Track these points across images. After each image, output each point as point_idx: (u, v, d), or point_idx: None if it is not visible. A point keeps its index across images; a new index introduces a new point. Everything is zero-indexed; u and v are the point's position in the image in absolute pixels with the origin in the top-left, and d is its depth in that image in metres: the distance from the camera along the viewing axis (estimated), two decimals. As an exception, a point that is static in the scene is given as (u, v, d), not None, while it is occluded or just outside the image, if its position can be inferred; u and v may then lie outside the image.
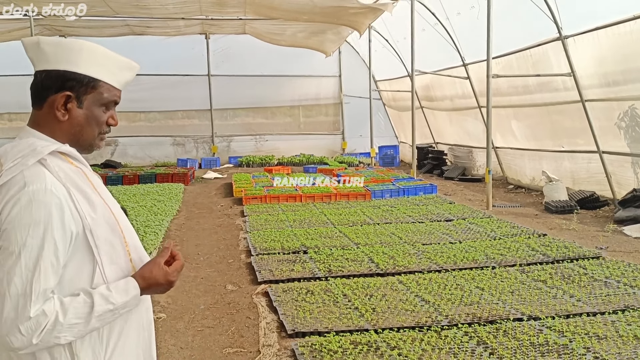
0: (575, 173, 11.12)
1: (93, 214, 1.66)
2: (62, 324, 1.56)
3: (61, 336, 1.56)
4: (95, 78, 1.74)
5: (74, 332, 1.59)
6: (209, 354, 4.58)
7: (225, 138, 20.91)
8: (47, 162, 1.63)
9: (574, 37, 10.00)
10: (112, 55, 1.79)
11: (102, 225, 1.68)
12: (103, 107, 1.79)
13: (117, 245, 1.72)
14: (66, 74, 1.71)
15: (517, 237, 7.93)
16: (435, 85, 16.61)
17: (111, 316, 1.66)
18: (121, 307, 1.68)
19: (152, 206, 10.58)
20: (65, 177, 1.65)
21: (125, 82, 1.83)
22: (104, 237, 1.68)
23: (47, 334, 1.54)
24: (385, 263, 6.67)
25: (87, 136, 1.78)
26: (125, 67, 1.82)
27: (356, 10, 13.24)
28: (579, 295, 5.41)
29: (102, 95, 1.77)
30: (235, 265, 7.18)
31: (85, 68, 1.73)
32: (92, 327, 1.62)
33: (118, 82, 1.80)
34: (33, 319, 1.52)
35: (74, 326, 1.58)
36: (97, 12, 14.68)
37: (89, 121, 1.77)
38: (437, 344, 4.37)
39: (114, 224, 1.72)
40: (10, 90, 17.95)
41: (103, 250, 1.67)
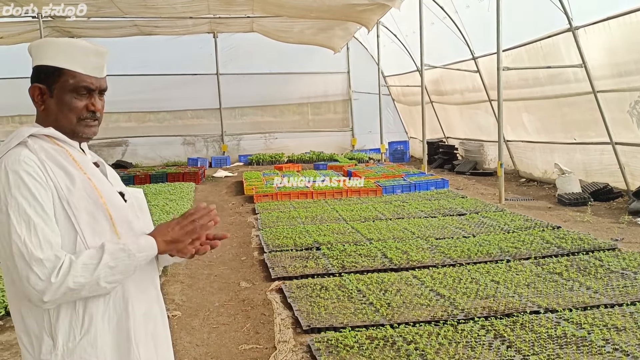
0: (587, 165, 11.03)
1: (71, 186, 1.75)
2: (77, 263, 1.65)
3: (79, 274, 1.64)
4: (58, 67, 1.84)
5: (91, 271, 1.66)
6: (225, 350, 4.58)
7: (235, 136, 20.93)
8: (28, 143, 1.77)
9: (584, 27, 9.92)
10: (75, 44, 1.87)
11: (82, 197, 1.76)
12: (73, 94, 1.85)
13: (100, 218, 1.77)
14: (37, 68, 1.87)
15: (531, 230, 7.87)
16: (445, 79, 16.54)
17: (126, 257, 1.73)
18: (134, 249, 1.75)
19: (164, 205, 10.60)
20: (44, 153, 1.77)
21: (92, 67, 1.87)
22: (83, 208, 1.75)
23: (63, 274, 1.62)
24: (399, 258, 6.64)
25: (64, 122, 1.86)
26: (90, 53, 1.87)
27: (364, 6, 13.20)
28: (595, 287, 5.37)
29: (68, 82, 1.84)
30: (248, 262, 7.18)
31: (49, 60, 1.84)
32: (107, 265, 1.69)
33: (84, 68, 1.86)
34: (45, 260, 1.62)
35: (89, 266, 1.66)
36: (105, 12, 14.73)
37: (61, 108, 1.85)
38: (454, 337, 4.34)
39: (96, 198, 1.78)
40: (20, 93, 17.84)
41: (83, 220, 1.74)
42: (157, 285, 2.01)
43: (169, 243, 1.83)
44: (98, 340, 1.76)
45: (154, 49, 19.03)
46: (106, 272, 1.69)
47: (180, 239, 1.84)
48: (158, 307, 1.99)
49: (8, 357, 4.58)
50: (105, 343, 1.78)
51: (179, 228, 1.85)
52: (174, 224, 1.86)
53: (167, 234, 1.84)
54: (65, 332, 1.73)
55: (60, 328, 1.73)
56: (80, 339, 1.74)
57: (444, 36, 14.68)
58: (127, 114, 19.86)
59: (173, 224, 1.86)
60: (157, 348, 1.93)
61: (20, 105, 18.60)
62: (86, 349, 1.74)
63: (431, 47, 14.26)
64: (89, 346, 1.74)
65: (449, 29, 14.27)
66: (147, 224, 2.02)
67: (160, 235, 1.83)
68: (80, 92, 1.86)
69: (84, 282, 1.65)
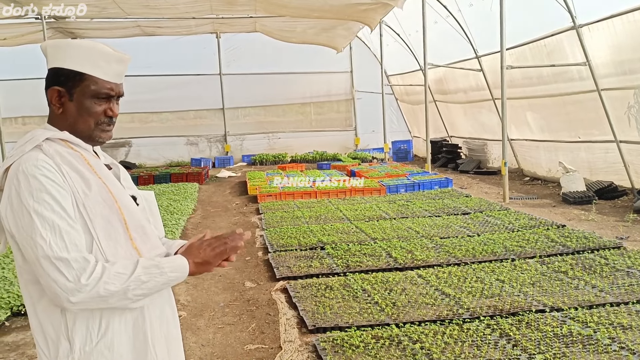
0: (592, 163, 11.01)
1: (87, 190, 1.75)
2: (110, 270, 1.66)
3: (110, 281, 1.65)
4: (80, 72, 1.83)
5: (123, 281, 1.67)
6: (231, 350, 4.58)
7: (238, 137, 20.92)
8: (44, 147, 1.77)
9: (588, 25, 9.89)
10: (98, 49, 1.87)
11: (98, 202, 1.76)
12: (94, 99, 1.85)
13: (115, 222, 1.77)
14: (57, 71, 1.85)
15: (536, 228, 7.86)
16: (448, 78, 16.52)
17: (158, 274, 1.74)
18: (168, 268, 1.77)
19: (168, 206, 10.61)
20: (59, 157, 1.77)
21: (114, 74, 1.88)
22: (99, 212, 1.75)
23: (95, 279, 1.64)
24: (404, 257, 6.64)
25: (82, 127, 1.87)
26: (112, 59, 1.88)
27: (367, 6, 13.18)
28: (601, 286, 5.35)
29: (90, 87, 1.84)
30: (252, 262, 7.18)
31: (71, 63, 1.83)
32: (139, 278, 1.70)
33: (105, 74, 1.86)
34: (72, 261, 1.63)
35: (122, 275, 1.68)
36: (108, 13, 14.74)
37: (81, 112, 1.85)
38: (460, 336, 4.33)
39: (112, 203, 1.78)
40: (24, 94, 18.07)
41: (98, 225, 1.73)
42: (170, 288, 2.02)
43: (199, 265, 1.85)
44: (115, 343, 1.77)
45: (156, 49, 19.02)
46: (136, 284, 1.70)
47: (210, 261, 1.86)
48: (170, 309, 1.99)
49: (15, 357, 4.58)
50: (122, 346, 1.78)
51: (210, 249, 1.86)
52: (206, 245, 1.87)
53: (199, 255, 1.85)
54: (83, 335, 1.73)
55: (78, 332, 1.73)
56: (97, 342, 1.74)
57: (447, 35, 14.66)
58: (130, 114, 19.85)
59: (205, 245, 1.87)
60: (169, 350, 1.94)
61: (24, 107, 18.67)
62: (103, 353, 1.75)
63: (434, 46, 14.23)
64: (106, 349, 1.75)
65: (452, 28, 14.24)
66: (157, 227, 2.02)
67: (191, 256, 1.84)
68: (101, 97, 1.87)
69: (113, 291, 1.66)
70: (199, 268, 1.84)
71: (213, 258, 1.85)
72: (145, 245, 1.83)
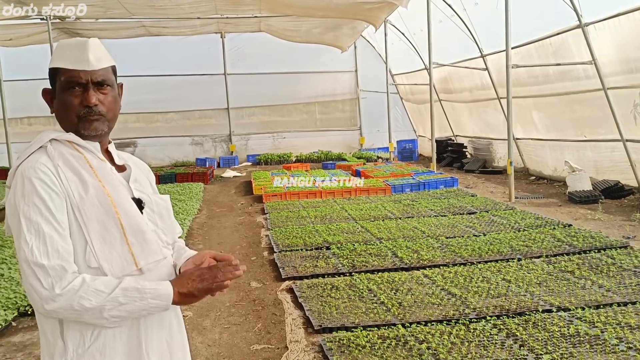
0: (598, 162, 10.97)
1: (83, 193, 1.74)
2: (89, 285, 1.63)
3: (86, 297, 1.62)
4: (54, 67, 1.86)
5: (100, 299, 1.63)
6: (237, 350, 4.58)
7: (243, 136, 20.95)
8: (48, 148, 1.78)
9: (594, 24, 9.86)
10: (65, 42, 1.89)
11: (93, 205, 1.74)
12: (68, 91, 1.84)
13: (111, 227, 1.75)
14: (48, 72, 1.90)
15: (542, 228, 7.83)
16: (453, 78, 16.49)
17: (138, 298, 1.67)
18: (150, 294, 1.69)
19: (174, 205, 10.62)
20: (62, 159, 1.77)
21: (75, 59, 1.84)
22: (94, 216, 1.73)
23: (71, 291, 1.61)
24: (410, 257, 6.63)
25: (66, 122, 1.87)
26: (74, 46, 1.87)
27: (372, 4, 13.18)
28: (608, 285, 5.33)
29: (61, 79, 1.85)
30: (258, 262, 7.18)
31: (52, 62, 1.88)
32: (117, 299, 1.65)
33: (68, 61, 1.84)
34: (49, 268, 1.62)
35: (100, 293, 1.64)
36: (113, 14, 14.78)
37: (62, 107, 1.85)
38: (466, 336, 4.32)
39: (108, 207, 1.76)
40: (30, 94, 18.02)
41: (93, 229, 1.72)
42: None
43: (184, 296, 1.75)
44: (107, 348, 1.75)
45: (161, 49, 19.08)
46: (113, 305, 1.64)
47: (196, 294, 1.77)
48: (174, 314, 1.95)
49: (22, 357, 4.60)
50: (115, 351, 1.76)
51: (198, 281, 1.75)
52: (196, 275, 1.77)
53: (186, 286, 1.75)
54: (75, 338, 1.73)
55: (71, 334, 1.73)
56: (90, 345, 1.73)
57: (452, 34, 14.63)
58: (135, 114, 19.90)
59: (195, 276, 1.77)
60: (172, 355, 1.91)
61: (30, 107, 18.72)
62: (95, 356, 1.73)
63: (439, 45, 14.21)
64: (98, 353, 1.73)
65: (457, 27, 14.22)
66: (167, 232, 1.97)
67: (178, 286, 1.75)
68: (72, 87, 1.83)
69: (88, 307, 1.62)
70: (183, 299, 1.75)
71: (198, 292, 1.75)
72: (144, 251, 1.79)
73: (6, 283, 6.19)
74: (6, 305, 5.55)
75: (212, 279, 1.76)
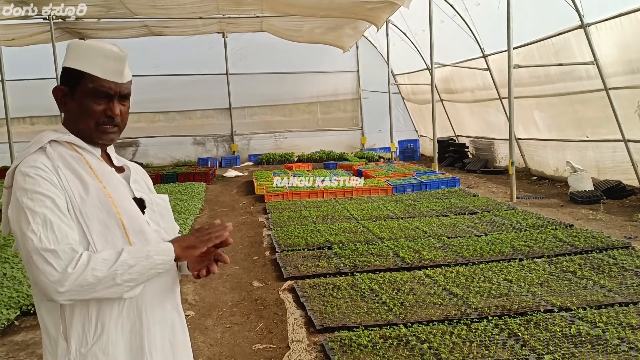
0: (600, 162, 10.97)
1: (84, 195, 1.75)
2: (96, 257, 1.66)
3: (97, 267, 1.65)
4: (79, 70, 1.83)
5: (109, 266, 1.66)
6: (239, 350, 4.59)
7: (245, 136, 20.96)
8: (47, 149, 1.79)
9: (596, 24, 9.86)
10: (97, 47, 1.86)
11: (95, 206, 1.75)
12: (93, 98, 1.84)
13: (113, 227, 1.77)
14: (64, 70, 1.87)
15: (544, 228, 7.84)
16: (455, 78, 16.49)
17: (144, 257, 1.72)
18: (153, 252, 1.75)
19: (176, 205, 10.64)
20: (61, 160, 1.78)
21: (112, 71, 1.85)
22: (96, 217, 1.75)
23: (81, 266, 1.63)
24: (411, 257, 6.63)
25: (82, 126, 1.86)
26: (110, 57, 1.85)
27: (373, 4, 13.18)
28: (609, 286, 5.33)
29: (87, 85, 1.83)
30: (260, 262, 7.19)
31: (72, 62, 1.85)
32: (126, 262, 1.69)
33: (103, 71, 1.84)
34: (60, 252, 1.63)
35: (108, 261, 1.67)
36: (115, 14, 14.81)
37: (81, 112, 1.85)
38: (468, 336, 4.33)
39: (110, 207, 1.77)
40: (32, 94, 18.16)
41: (94, 230, 1.73)
42: (177, 293, 2.01)
43: (185, 249, 1.82)
44: (110, 347, 1.76)
45: (163, 49, 19.10)
46: (124, 269, 1.68)
47: (196, 245, 1.83)
48: (177, 314, 1.98)
49: (24, 356, 4.61)
50: (118, 350, 1.78)
51: (194, 237, 1.85)
52: (190, 234, 1.87)
53: (184, 241, 1.83)
54: (78, 337, 1.74)
55: (74, 333, 1.74)
56: (92, 344, 1.74)
57: (454, 34, 14.63)
58: (137, 114, 19.92)
59: (189, 235, 1.87)
60: (175, 354, 1.93)
61: (32, 107, 18.80)
62: (97, 355, 1.74)
63: (441, 45, 14.20)
64: (101, 353, 1.75)
65: (459, 27, 14.22)
66: (168, 231, 2.00)
67: (176, 242, 1.83)
68: (99, 96, 1.85)
69: (101, 276, 1.64)
70: (185, 252, 1.81)
71: (198, 243, 1.83)
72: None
73: (9, 282, 6.21)
74: (9, 304, 5.56)
75: (207, 233, 1.86)
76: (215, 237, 1.86)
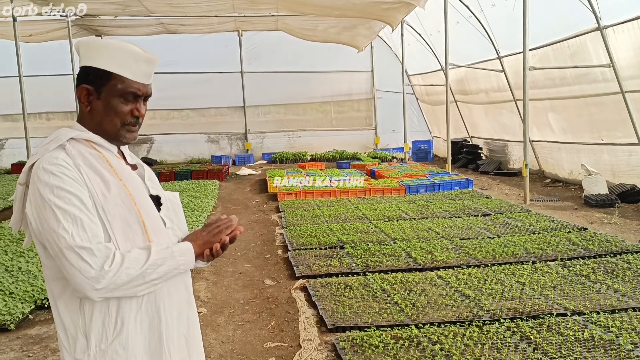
0: (615, 166, 10.89)
1: (106, 192, 1.78)
2: (128, 257, 1.71)
3: (131, 266, 1.70)
4: (108, 70, 1.85)
5: (141, 265, 1.72)
6: (250, 348, 4.61)
7: (259, 135, 21.03)
8: (67, 147, 1.80)
9: (613, 27, 9.79)
10: (126, 48, 1.88)
11: (116, 204, 1.78)
12: (121, 98, 1.87)
13: (134, 224, 1.80)
14: (87, 69, 1.88)
15: (557, 231, 7.79)
16: (469, 79, 16.43)
17: (169, 257, 1.78)
18: (177, 252, 1.81)
19: (189, 202, 10.69)
20: (81, 157, 1.80)
21: (142, 74, 1.90)
22: (117, 214, 1.77)
23: (117, 264, 1.68)
24: (423, 258, 6.63)
25: (108, 126, 1.89)
26: (141, 59, 1.89)
27: (389, 5, 13.16)
28: (623, 290, 5.30)
29: (117, 86, 1.86)
30: (272, 260, 7.22)
31: (100, 62, 1.86)
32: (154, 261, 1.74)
33: (133, 74, 1.88)
34: (95, 250, 1.67)
35: (139, 260, 1.73)
36: (132, 11, 14.90)
37: (107, 111, 1.87)
38: (480, 339, 4.32)
39: (131, 205, 1.80)
40: (48, 90, 18.38)
41: (116, 227, 1.76)
42: (190, 288, 2.04)
43: (201, 245, 1.87)
44: (130, 342, 1.79)
45: (179, 47, 19.19)
46: (152, 268, 1.73)
47: (210, 240, 1.88)
48: (190, 309, 2.01)
49: (38, 350, 4.66)
50: (137, 346, 1.80)
51: (206, 233, 1.90)
52: (201, 231, 1.92)
53: (198, 238, 1.88)
54: (98, 332, 1.76)
55: (94, 329, 1.76)
56: (113, 340, 1.77)
57: (469, 35, 14.58)
58: (152, 111, 19.98)
59: (200, 231, 1.92)
60: (189, 349, 1.96)
61: (48, 103, 18.97)
62: (118, 351, 1.77)
63: (456, 46, 14.17)
64: (121, 348, 1.77)
65: (474, 28, 14.17)
66: (181, 228, 2.04)
67: (192, 240, 1.88)
68: (128, 97, 1.89)
69: (134, 275, 1.70)
70: (201, 248, 1.87)
71: (212, 238, 1.88)
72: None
73: (24, 276, 6.27)
74: (24, 298, 5.63)
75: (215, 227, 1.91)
76: (225, 228, 1.91)
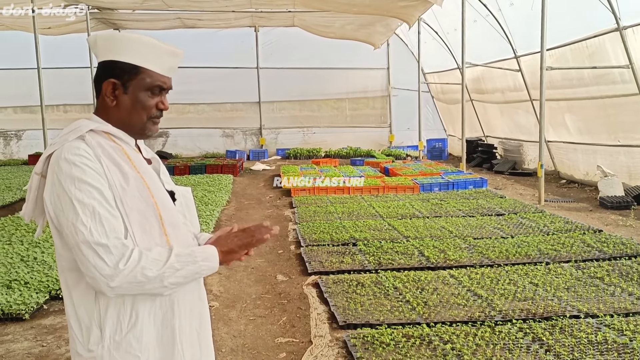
0: (631, 168, 10.78)
1: (125, 184, 1.78)
2: (147, 256, 1.71)
3: (148, 267, 1.69)
4: (136, 65, 1.86)
5: (159, 267, 1.71)
6: (262, 342, 4.63)
7: (273, 130, 21.05)
8: (86, 138, 1.80)
9: (632, 27, 9.68)
10: (153, 43, 1.89)
11: (134, 196, 1.78)
12: (148, 92, 1.89)
13: (151, 217, 1.80)
14: (112, 64, 1.87)
15: (571, 232, 7.74)
16: (485, 78, 16.34)
17: (191, 262, 1.77)
18: (200, 257, 1.80)
19: (203, 196, 10.74)
20: (100, 149, 1.79)
21: (168, 67, 1.92)
22: (135, 207, 1.77)
23: (133, 263, 1.68)
24: (436, 257, 6.62)
25: (135, 120, 1.90)
26: (166, 53, 1.91)
27: (406, 2, 13.11)
28: (638, 293, 5.26)
29: (145, 80, 1.88)
30: (285, 255, 7.23)
31: (128, 56, 1.86)
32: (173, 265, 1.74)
33: (160, 67, 1.90)
34: (111, 247, 1.67)
35: (158, 261, 1.71)
36: (150, 5, 14.98)
37: (135, 105, 1.88)
38: (491, 339, 4.31)
39: (148, 198, 1.81)
40: (66, 82, 18.52)
41: (134, 219, 1.76)
42: (201, 283, 2.05)
43: (225, 254, 1.87)
44: (144, 335, 1.80)
45: (195, 41, 19.23)
46: (171, 271, 1.73)
47: (236, 250, 1.88)
48: (202, 304, 2.03)
49: (52, 340, 4.71)
50: (150, 339, 1.82)
51: (237, 240, 1.89)
52: (233, 236, 1.91)
53: (226, 244, 1.88)
54: (113, 324, 1.77)
55: (109, 321, 1.77)
56: (127, 332, 1.78)
57: (486, 34, 14.49)
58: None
59: (232, 236, 1.91)
60: (201, 344, 1.98)
61: (66, 95, 19.13)
62: (131, 343, 1.78)
63: (472, 45, 14.09)
64: (135, 340, 1.79)
65: (491, 27, 14.08)
66: (193, 223, 2.06)
67: (219, 246, 1.87)
68: (154, 91, 1.91)
69: (151, 277, 1.69)
70: (226, 257, 1.86)
71: (239, 247, 1.87)
72: (178, 241, 1.85)
73: (39, 266, 6.34)
74: (38, 288, 5.69)
75: (249, 237, 1.90)
76: (256, 241, 1.90)
